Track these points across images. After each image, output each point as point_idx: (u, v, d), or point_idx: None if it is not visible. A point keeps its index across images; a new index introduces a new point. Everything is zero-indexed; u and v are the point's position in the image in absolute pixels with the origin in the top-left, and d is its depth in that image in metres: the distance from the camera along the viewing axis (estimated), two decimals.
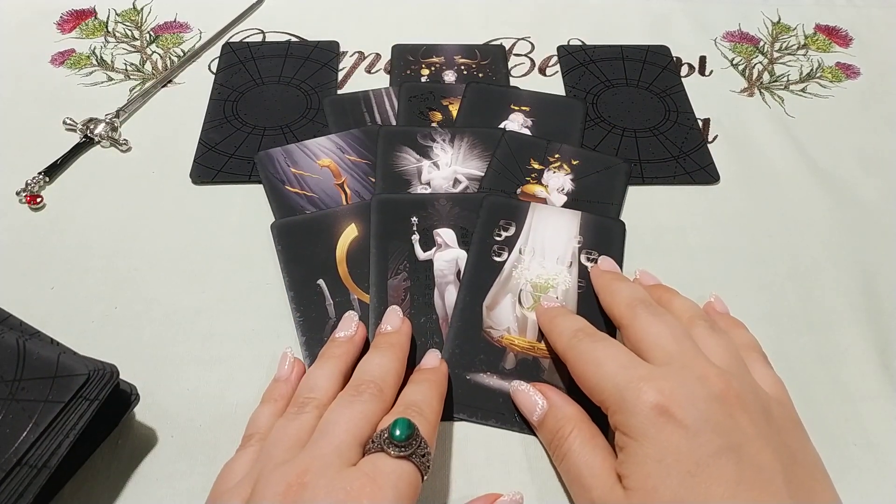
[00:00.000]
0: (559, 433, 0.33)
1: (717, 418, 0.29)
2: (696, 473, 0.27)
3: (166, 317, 0.41)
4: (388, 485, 0.27)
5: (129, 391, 0.35)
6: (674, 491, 0.27)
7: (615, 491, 0.29)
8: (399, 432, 0.28)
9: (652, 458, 0.28)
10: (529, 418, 0.35)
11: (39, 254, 0.44)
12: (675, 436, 0.28)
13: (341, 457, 0.28)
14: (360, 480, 0.27)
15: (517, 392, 0.36)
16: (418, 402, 0.32)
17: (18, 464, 0.28)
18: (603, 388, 0.31)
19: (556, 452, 0.33)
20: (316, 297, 0.41)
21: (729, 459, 0.27)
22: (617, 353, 0.32)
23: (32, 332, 0.34)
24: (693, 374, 0.30)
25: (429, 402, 0.32)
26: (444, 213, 0.45)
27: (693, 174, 0.50)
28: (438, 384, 0.34)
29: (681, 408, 0.29)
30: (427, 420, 0.31)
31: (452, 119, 0.53)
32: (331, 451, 0.28)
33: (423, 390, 0.33)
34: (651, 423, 0.29)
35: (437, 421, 0.32)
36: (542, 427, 0.34)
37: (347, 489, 0.26)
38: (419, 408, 0.32)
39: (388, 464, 0.28)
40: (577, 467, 0.31)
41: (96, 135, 0.51)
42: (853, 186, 0.50)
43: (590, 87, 0.57)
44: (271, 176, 0.48)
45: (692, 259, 0.45)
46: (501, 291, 0.41)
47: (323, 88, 0.56)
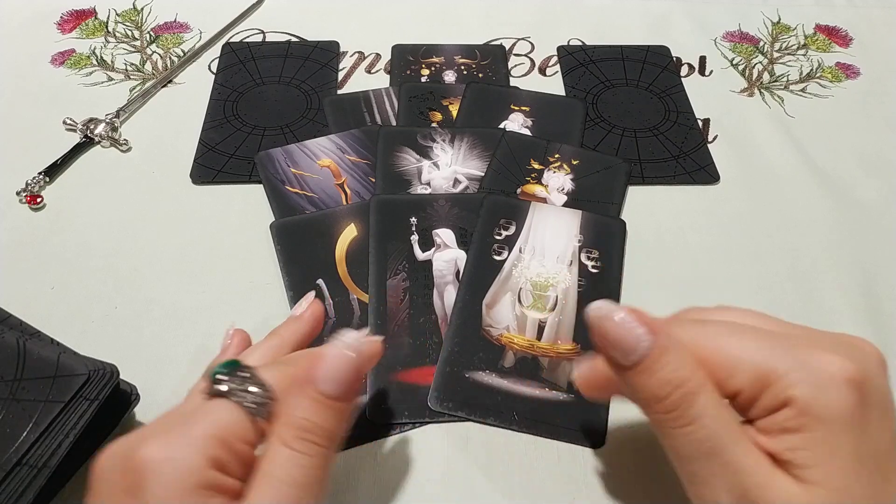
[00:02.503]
0: (684, 388, 0.23)
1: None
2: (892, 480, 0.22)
3: (166, 317, 0.41)
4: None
5: (129, 391, 0.35)
6: (872, 498, 0.22)
7: (782, 481, 0.23)
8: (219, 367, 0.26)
9: (847, 450, 0.22)
10: (619, 359, 0.25)
11: (39, 254, 0.44)
12: (875, 424, 0.23)
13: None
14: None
15: (604, 320, 0.25)
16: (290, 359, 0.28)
17: (18, 464, 0.28)
18: (759, 358, 0.24)
19: (678, 416, 0.23)
20: (315, 297, 0.41)
21: None
22: (755, 325, 0.25)
23: (32, 332, 0.35)
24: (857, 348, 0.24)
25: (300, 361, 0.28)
26: (443, 213, 0.45)
27: (693, 174, 0.50)
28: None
29: (875, 388, 0.23)
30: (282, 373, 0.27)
31: (452, 119, 0.53)
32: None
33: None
34: (845, 403, 0.22)
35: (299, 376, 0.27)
36: (648, 375, 0.24)
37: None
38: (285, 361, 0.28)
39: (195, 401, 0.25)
40: (716, 438, 0.23)
41: (96, 135, 0.51)
42: (853, 187, 0.50)
43: (590, 87, 0.57)
44: (271, 176, 0.48)
45: (692, 259, 0.45)
46: (501, 290, 0.41)
47: (323, 88, 0.56)
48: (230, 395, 0.25)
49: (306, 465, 0.24)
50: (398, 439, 0.36)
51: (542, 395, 0.37)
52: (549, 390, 0.37)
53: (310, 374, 0.25)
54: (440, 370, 0.38)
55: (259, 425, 0.25)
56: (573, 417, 0.36)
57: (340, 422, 0.25)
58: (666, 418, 0.24)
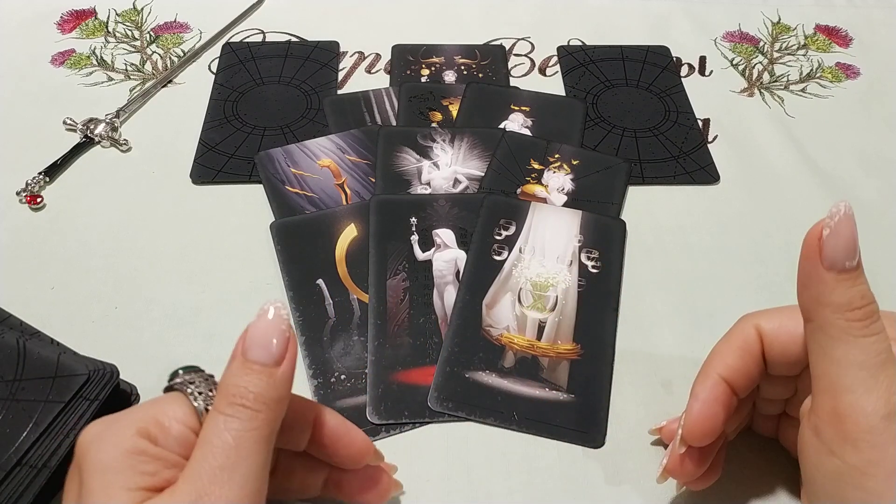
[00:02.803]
0: (874, 304, 0.27)
1: None
2: None
3: (166, 317, 0.41)
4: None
5: (129, 391, 0.35)
6: None
7: None
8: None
9: None
10: (836, 261, 0.27)
11: (39, 254, 0.44)
12: None
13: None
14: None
15: (849, 218, 0.28)
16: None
17: (18, 464, 0.28)
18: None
19: (866, 325, 0.26)
20: (315, 297, 0.41)
21: None
22: None
23: (32, 332, 0.35)
24: None
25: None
26: (443, 213, 0.45)
27: (693, 174, 0.50)
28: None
29: None
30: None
31: (452, 119, 0.53)
32: None
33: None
34: None
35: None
36: (852, 283, 0.27)
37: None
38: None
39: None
40: (888, 353, 0.26)
41: (96, 135, 0.51)
42: (853, 186, 0.50)
43: (590, 87, 0.57)
44: (271, 176, 0.48)
45: (692, 259, 0.45)
46: (501, 290, 0.41)
47: (323, 88, 0.56)
48: (178, 388, 0.27)
49: (238, 428, 0.24)
50: (398, 439, 0.36)
51: (542, 395, 0.37)
52: (549, 390, 0.38)
53: (240, 345, 0.26)
54: (440, 370, 0.38)
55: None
56: (573, 417, 0.36)
57: (273, 387, 0.25)
58: (855, 325, 0.26)
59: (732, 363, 0.31)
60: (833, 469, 0.26)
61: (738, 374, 0.31)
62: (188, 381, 0.27)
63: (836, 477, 0.26)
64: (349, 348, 0.39)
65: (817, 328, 0.27)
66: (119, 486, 0.24)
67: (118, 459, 0.24)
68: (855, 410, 0.26)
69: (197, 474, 0.24)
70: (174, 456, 0.25)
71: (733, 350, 0.31)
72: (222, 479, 0.24)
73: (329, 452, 0.30)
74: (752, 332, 0.31)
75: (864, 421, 0.25)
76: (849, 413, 0.26)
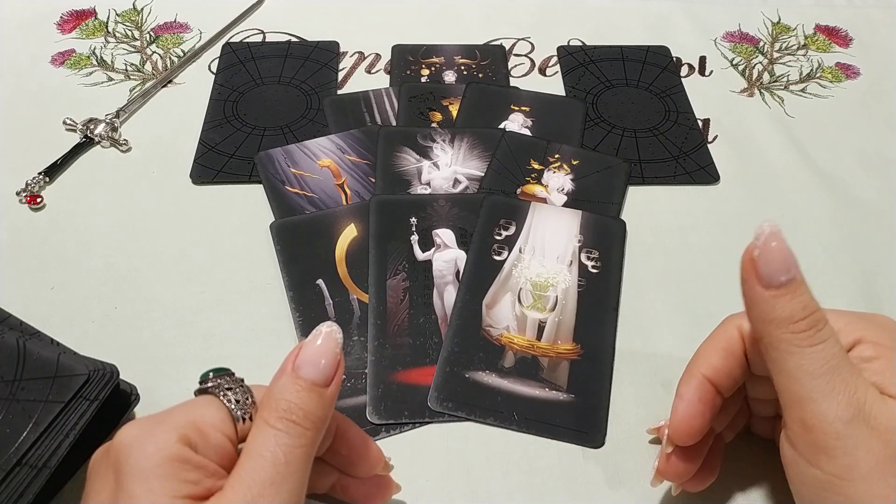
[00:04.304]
0: (818, 313, 0.27)
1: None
2: None
3: (166, 317, 0.41)
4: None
5: (129, 391, 0.35)
6: None
7: (887, 399, 0.27)
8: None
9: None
10: (775, 277, 0.28)
11: (39, 254, 0.44)
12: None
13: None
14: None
15: (775, 237, 0.29)
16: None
17: (18, 464, 0.28)
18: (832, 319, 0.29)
19: (812, 335, 0.27)
20: (315, 297, 0.41)
21: None
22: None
23: (32, 332, 0.35)
24: None
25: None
26: (443, 213, 0.45)
27: (693, 174, 0.50)
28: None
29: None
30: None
31: (452, 119, 0.53)
32: None
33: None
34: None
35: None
36: (792, 296, 0.27)
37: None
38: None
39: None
40: (839, 357, 0.27)
41: (96, 135, 0.51)
42: (853, 186, 0.50)
43: (590, 87, 0.57)
44: (271, 176, 0.48)
45: (692, 259, 0.45)
46: (501, 290, 0.41)
47: (323, 89, 0.56)
48: (213, 392, 0.27)
49: (288, 444, 0.25)
50: (398, 439, 0.36)
51: (542, 395, 0.37)
52: (549, 390, 0.38)
53: (291, 361, 0.26)
54: (440, 370, 0.38)
55: (239, 427, 0.27)
56: (573, 417, 0.36)
57: (321, 406, 0.26)
58: (800, 337, 0.27)
59: (716, 363, 0.31)
60: (814, 479, 0.27)
61: (721, 373, 0.31)
62: (223, 387, 0.27)
63: (819, 487, 0.27)
64: (349, 348, 0.39)
65: (768, 345, 0.28)
66: (164, 493, 0.24)
67: (162, 466, 0.24)
68: (819, 419, 0.26)
69: (247, 486, 0.24)
70: (213, 465, 0.25)
71: (716, 350, 0.31)
72: (271, 493, 0.24)
73: (344, 462, 0.30)
74: (735, 332, 0.31)
75: (830, 428, 0.26)
76: (814, 422, 0.26)
